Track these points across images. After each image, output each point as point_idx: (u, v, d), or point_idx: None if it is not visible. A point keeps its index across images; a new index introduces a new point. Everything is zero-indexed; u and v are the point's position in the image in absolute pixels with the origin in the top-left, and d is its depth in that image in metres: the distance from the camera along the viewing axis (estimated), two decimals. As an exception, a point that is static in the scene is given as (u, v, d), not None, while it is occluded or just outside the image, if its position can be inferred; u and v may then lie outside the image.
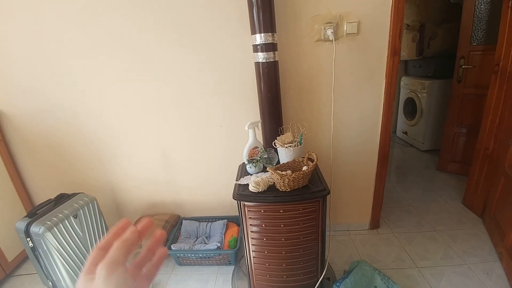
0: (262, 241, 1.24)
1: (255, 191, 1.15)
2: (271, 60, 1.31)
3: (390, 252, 1.69)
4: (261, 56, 1.30)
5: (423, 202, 2.17)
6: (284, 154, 1.29)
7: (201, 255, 1.63)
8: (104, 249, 0.29)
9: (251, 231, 1.22)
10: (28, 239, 1.29)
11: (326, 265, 1.31)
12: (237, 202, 1.19)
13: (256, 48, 1.30)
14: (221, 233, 1.73)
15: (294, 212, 1.16)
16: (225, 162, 1.74)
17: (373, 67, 1.49)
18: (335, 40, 1.40)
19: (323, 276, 1.29)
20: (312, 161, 1.16)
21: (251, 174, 1.33)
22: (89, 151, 1.77)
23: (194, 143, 1.71)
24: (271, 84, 1.36)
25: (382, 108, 1.57)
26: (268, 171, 1.15)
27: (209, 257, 1.64)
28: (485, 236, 1.74)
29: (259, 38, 1.27)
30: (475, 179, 1.95)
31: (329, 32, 1.37)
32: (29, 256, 1.35)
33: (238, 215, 1.22)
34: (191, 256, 1.64)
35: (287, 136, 1.32)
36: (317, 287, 1.30)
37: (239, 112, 1.61)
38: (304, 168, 1.15)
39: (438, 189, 2.33)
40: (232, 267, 1.65)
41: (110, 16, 1.45)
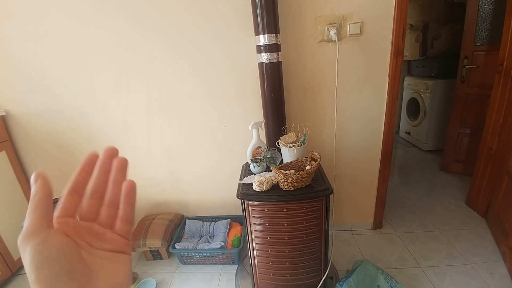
0: (266, 240, 1.25)
1: (259, 190, 1.16)
2: (275, 61, 1.32)
3: (393, 252, 1.69)
4: (265, 57, 1.31)
5: (426, 202, 2.16)
6: (288, 154, 1.30)
7: (205, 254, 1.64)
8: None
9: (255, 230, 1.23)
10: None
11: (329, 264, 1.31)
12: (241, 201, 1.20)
13: (260, 49, 1.31)
14: (225, 233, 1.75)
15: (298, 211, 1.17)
16: (229, 162, 1.75)
17: (376, 68, 1.50)
18: (338, 41, 1.40)
19: (326, 275, 1.30)
20: (315, 161, 1.17)
21: (255, 174, 1.34)
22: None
23: (198, 144, 1.73)
24: (275, 85, 1.37)
25: (385, 108, 1.57)
26: (272, 171, 1.16)
27: (213, 256, 1.65)
28: (489, 236, 1.74)
29: (263, 39, 1.28)
30: (479, 179, 1.94)
31: (332, 33, 1.38)
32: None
33: (242, 215, 1.23)
34: (195, 255, 1.65)
35: (291, 136, 1.33)
36: (320, 286, 1.30)
37: (242, 113, 1.62)
38: (307, 168, 1.16)
39: (441, 189, 2.33)
40: (236, 266, 1.67)
41: (115, 17, 1.46)
